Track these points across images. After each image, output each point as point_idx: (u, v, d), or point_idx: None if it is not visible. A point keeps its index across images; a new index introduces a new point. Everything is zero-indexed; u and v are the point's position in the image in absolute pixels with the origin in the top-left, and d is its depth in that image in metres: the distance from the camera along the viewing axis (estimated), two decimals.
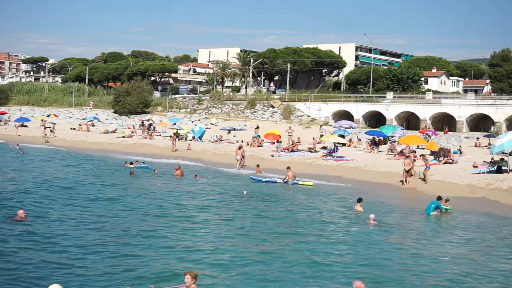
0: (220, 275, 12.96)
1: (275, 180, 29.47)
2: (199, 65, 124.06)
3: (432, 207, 21.53)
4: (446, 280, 13.15)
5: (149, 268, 13.17)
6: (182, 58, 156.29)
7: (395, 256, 15.10)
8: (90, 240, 15.56)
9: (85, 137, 52.92)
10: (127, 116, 71.41)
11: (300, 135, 45.83)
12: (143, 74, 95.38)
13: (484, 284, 12.87)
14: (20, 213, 17.63)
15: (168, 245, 15.36)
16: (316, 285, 12.59)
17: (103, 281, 12.37)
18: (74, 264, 13.40)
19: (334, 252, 15.42)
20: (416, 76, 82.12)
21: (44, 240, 15.38)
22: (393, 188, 27.72)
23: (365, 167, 32.27)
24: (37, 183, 25.68)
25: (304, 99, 70.14)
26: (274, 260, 14.26)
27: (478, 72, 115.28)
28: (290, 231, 17.84)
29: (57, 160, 37.47)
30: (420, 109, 60.88)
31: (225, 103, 74.08)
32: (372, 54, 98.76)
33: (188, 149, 42.40)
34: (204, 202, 22.73)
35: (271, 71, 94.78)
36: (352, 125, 49.86)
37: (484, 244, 17.10)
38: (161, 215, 19.50)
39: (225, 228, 17.90)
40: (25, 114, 74.65)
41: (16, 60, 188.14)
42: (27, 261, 13.47)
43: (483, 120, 58.41)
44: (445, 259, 15.02)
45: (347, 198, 24.88)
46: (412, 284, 12.79)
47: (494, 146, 28.83)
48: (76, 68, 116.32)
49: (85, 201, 21.72)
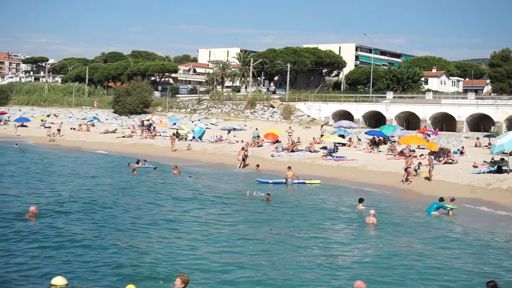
0: (218, 275, 12.93)
1: (282, 181, 28.98)
2: (199, 65, 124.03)
3: (433, 207, 21.55)
4: (447, 281, 13.15)
5: (148, 267, 13.17)
6: (182, 58, 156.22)
7: (395, 256, 15.07)
8: (93, 236, 15.65)
9: (85, 137, 52.93)
10: (127, 116, 71.42)
11: (300, 135, 45.84)
12: (143, 74, 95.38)
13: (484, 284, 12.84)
14: (32, 209, 17.64)
15: (168, 245, 15.37)
16: (316, 284, 12.57)
17: (105, 275, 12.44)
18: (75, 258, 13.55)
19: (334, 251, 15.41)
20: (416, 76, 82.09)
21: (50, 233, 15.64)
22: (393, 188, 27.70)
23: (365, 167, 32.26)
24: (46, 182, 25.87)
25: (304, 99, 70.14)
26: (273, 260, 14.24)
27: (478, 72, 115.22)
28: (290, 230, 17.81)
29: (63, 159, 37.55)
30: (420, 109, 60.87)
31: (225, 103, 74.08)
32: (372, 54, 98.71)
33: (188, 149, 42.41)
34: (201, 202, 22.71)
35: (271, 71, 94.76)
36: (352, 125, 49.91)
37: (484, 244, 17.08)
38: (157, 215, 19.51)
39: (224, 228, 17.87)
40: (25, 114, 74.66)
41: (16, 60, 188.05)
42: (32, 255, 13.71)
43: (483, 120, 58.39)
44: (445, 259, 15.00)
45: (347, 198, 24.89)
46: (412, 285, 12.78)
47: (494, 146, 28.81)
48: (76, 68, 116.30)
49: (93, 199, 21.89)
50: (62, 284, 11.49)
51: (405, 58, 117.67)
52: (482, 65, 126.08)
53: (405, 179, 28.01)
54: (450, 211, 21.49)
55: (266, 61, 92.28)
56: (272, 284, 12.53)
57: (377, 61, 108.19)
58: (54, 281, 11.53)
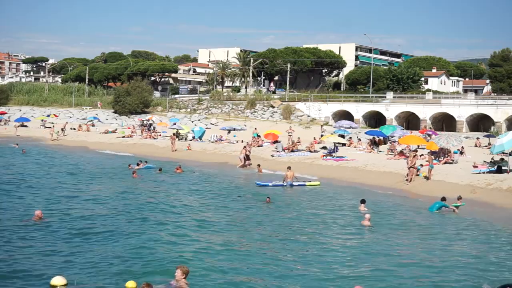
0: (214, 275, 12.94)
1: (282, 184, 28.30)
2: (199, 65, 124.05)
3: (436, 206, 21.61)
4: (446, 281, 13.14)
5: (147, 264, 13.19)
6: (182, 58, 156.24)
7: (394, 258, 15.08)
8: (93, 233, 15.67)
9: (85, 137, 52.94)
10: (127, 116, 71.43)
11: (300, 135, 45.85)
12: (143, 74, 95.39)
13: (484, 284, 12.86)
14: (37, 213, 17.40)
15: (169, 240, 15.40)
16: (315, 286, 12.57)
17: (104, 274, 12.47)
18: (76, 258, 13.56)
19: (333, 254, 15.38)
20: (416, 76, 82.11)
21: (54, 234, 15.71)
22: (393, 188, 27.68)
23: (365, 167, 32.27)
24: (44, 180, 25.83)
25: (304, 99, 70.15)
26: (271, 262, 14.22)
27: (478, 72, 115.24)
28: (288, 233, 17.71)
29: (64, 159, 37.56)
30: (420, 109, 60.88)
31: (225, 103, 74.09)
32: (372, 54, 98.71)
33: (188, 149, 42.43)
34: (201, 202, 22.73)
35: (271, 71, 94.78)
36: (352, 125, 49.91)
37: (484, 243, 17.09)
38: (155, 215, 19.53)
39: (222, 229, 17.88)
40: (25, 114, 74.64)
41: (16, 60, 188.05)
42: (32, 254, 13.78)
43: (483, 120, 58.40)
44: (446, 260, 15.00)
45: (347, 198, 24.89)
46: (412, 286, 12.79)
47: (494, 146, 28.78)
48: (76, 68, 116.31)
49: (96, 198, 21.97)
50: (61, 284, 11.50)
51: (405, 58, 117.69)
52: (482, 65, 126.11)
53: (410, 179, 28.00)
54: (456, 209, 21.55)
55: (266, 61, 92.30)
56: (271, 285, 12.54)
57: (377, 61, 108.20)
58: (54, 281, 11.54)
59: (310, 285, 12.57)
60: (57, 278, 11.67)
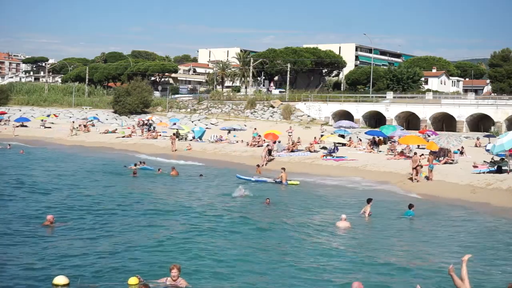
0: (211, 275, 12.95)
1: (265, 180, 29.34)
2: (199, 65, 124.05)
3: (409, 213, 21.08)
4: (447, 281, 13.13)
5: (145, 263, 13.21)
6: (182, 58, 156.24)
7: (393, 257, 15.09)
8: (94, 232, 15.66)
9: (85, 137, 52.94)
10: (127, 116, 71.42)
11: (300, 135, 45.85)
12: (143, 74, 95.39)
13: (485, 284, 12.86)
14: (49, 218, 17.14)
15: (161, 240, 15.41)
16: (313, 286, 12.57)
17: (103, 273, 12.50)
18: (77, 259, 13.52)
19: (331, 253, 15.39)
20: (416, 76, 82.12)
21: (63, 238, 15.68)
22: (393, 188, 27.71)
23: (365, 167, 32.28)
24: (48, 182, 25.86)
25: (304, 99, 70.15)
26: (270, 263, 14.22)
27: (478, 72, 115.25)
28: (282, 234, 17.61)
29: (66, 160, 37.62)
30: (420, 109, 60.87)
31: (225, 103, 74.09)
32: (372, 54, 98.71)
33: (188, 149, 42.43)
34: (201, 203, 22.74)
35: (271, 71, 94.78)
36: (352, 125, 49.91)
37: (484, 243, 17.08)
38: (155, 215, 19.53)
39: (221, 230, 17.88)
40: (25, 114, 74.64)
41: (16, 60, 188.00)
42: (34, 254, 13.82)
43: (483, 120, 58.39)
44: (444, 259, 15.00)
45: (347, 198, 24.89)
46: (411, 285, 12.78)
47: (494, 146, 28.75)
48: (76, 68, 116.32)
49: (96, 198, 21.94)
50: (64, 283, 11.49)
51: (405, 58, 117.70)
52: (482, 65, 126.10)
53: (414, 178, 28.03)
54: None
55: (266, 61, 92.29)
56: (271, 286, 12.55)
57: (377, 61, 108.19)
58: (56, 281, 11.53)
59: (310, 285, 12.57)
60: (60, 277, 11.66)
